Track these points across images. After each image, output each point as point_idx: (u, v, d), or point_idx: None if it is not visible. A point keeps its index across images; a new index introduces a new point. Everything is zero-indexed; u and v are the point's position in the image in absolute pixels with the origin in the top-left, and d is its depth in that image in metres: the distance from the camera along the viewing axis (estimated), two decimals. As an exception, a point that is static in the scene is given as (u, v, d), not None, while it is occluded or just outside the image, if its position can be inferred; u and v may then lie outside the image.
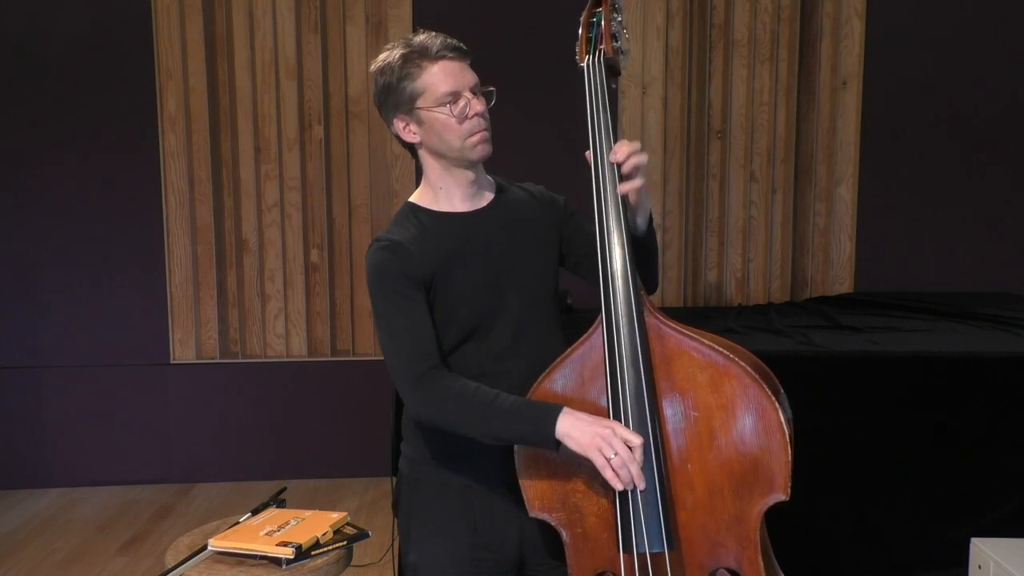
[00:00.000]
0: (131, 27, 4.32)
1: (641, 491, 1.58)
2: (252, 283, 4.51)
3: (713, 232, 4.52)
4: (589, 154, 1.71)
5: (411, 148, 1.82)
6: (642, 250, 1.74)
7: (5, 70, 4.32)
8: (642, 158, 1.66)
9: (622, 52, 1.74)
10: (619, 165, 1.66)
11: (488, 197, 1.86)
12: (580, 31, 1.76)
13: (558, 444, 1.59)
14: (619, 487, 1.57)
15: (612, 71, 1.75)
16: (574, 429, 1.57)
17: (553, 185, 1.98)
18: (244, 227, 4.47)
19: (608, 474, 1.55)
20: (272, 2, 4.36)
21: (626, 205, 1.69)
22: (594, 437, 1.55)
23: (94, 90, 4.35)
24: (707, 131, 4.47)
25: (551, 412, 1.59)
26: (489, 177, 1.90)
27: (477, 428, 1.65)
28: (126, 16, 4.32)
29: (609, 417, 1.62)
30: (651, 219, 1.77)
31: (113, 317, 4.45)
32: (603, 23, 1.72)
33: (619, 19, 1.74)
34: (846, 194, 4.49)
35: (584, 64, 1.74)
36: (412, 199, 1.85)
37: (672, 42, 4.41)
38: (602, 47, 1.72)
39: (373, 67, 1.79)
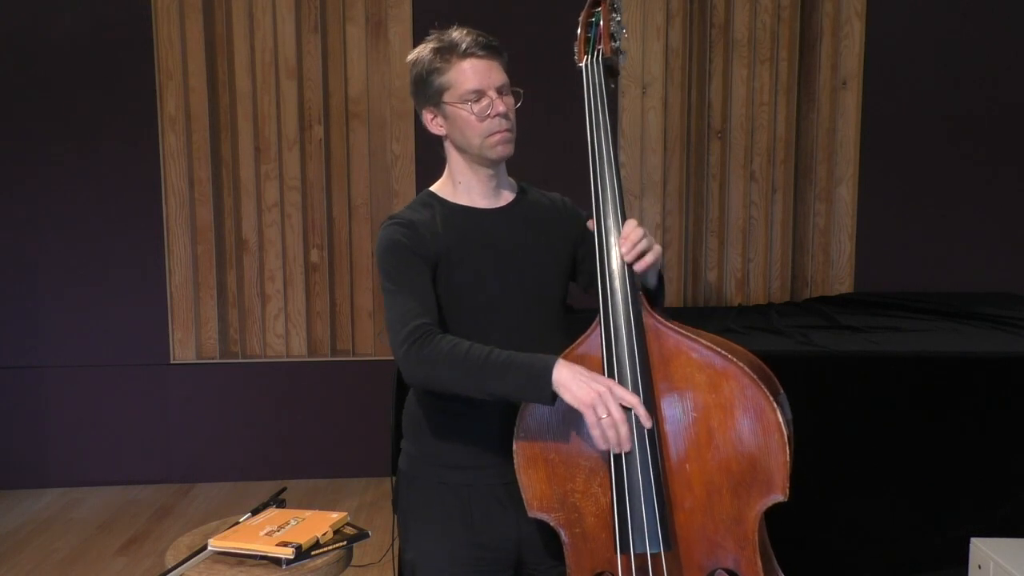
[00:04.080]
0: (131, 27, 4.32)
1: (627, 453, 1.56)
2: (252, 283, 4.51)
3: (713, 232, 4.52)
4: (591, 223, 1.69)
5: (438, 140, 1.84)
6: (649, 293, 1.73)
7: (5, 70, 4.32)
8: (645, 244, 1.63)
9: (620, 52, 1.75)
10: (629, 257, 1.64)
11: (508, 198, 1.87)
12: (579, 31, 1.77)
13: (554, 397, 1.57)
14: (603, 447, 1.55)
15: (610, 71, 1.76)
16: (571, 381, 1.55)
17: (552, 184, 1.98)
18: (244, 227, 4.47)
19: (595, 433, 1.54)
20: (272, 2, 4.35)
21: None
22: (590, 392, 1.53)
23: (94, 90, 4.35)
24: (707, 131, 4.47)
25: (547, 361, 1.58)
26: (512, 180, 1.90)
27: (472, 385, 1.61)
28: (126, 16, 4.32)
29: None
30: (661, 276, 1.75)
31: (113, 317, 4.45)
32: (602, 23, 1.73)
33: (617, 19, 1.75)
34: (846, 194, 4.49)
35: (583, 64, 1.75)
36: (432, 188, 1.87)
37: (672, 42, 4.41)
38: (600, 47, 1.73)
39: (408, 57, 1.83)
